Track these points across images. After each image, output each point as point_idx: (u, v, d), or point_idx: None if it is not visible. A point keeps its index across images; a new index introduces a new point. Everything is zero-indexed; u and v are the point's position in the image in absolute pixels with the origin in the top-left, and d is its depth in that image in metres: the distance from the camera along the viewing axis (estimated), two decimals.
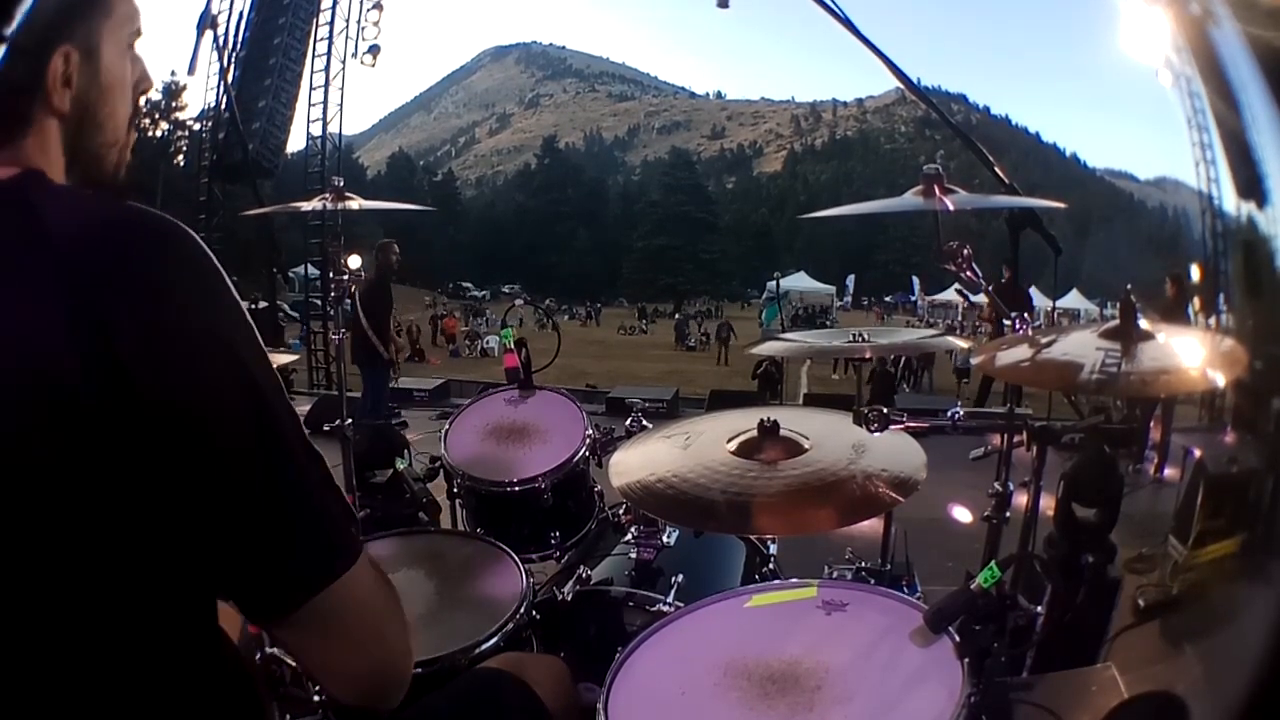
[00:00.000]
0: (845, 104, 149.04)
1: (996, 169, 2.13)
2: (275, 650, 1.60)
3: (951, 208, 1.70)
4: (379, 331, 7.47)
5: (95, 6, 0.93)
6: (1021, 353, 1.59)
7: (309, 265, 15.92)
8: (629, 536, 2.16)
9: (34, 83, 0.89)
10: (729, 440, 1.72)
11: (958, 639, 1.23)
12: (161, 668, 0.85)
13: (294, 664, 1.63)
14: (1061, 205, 1.84)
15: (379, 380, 7.77)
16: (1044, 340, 1.61)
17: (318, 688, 1.68)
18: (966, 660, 1.18)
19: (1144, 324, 1.49)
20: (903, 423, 1.72)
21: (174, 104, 32.75)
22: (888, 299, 53.51)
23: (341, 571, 0.86)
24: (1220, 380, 1.38)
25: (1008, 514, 2.00)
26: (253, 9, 14.64)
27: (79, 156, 0.94)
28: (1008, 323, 1.90)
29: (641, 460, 1.73)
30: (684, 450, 1.74)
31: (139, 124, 1.05)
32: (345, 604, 0.87)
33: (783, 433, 1.68)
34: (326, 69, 15.79)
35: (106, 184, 0.97)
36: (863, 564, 2.27)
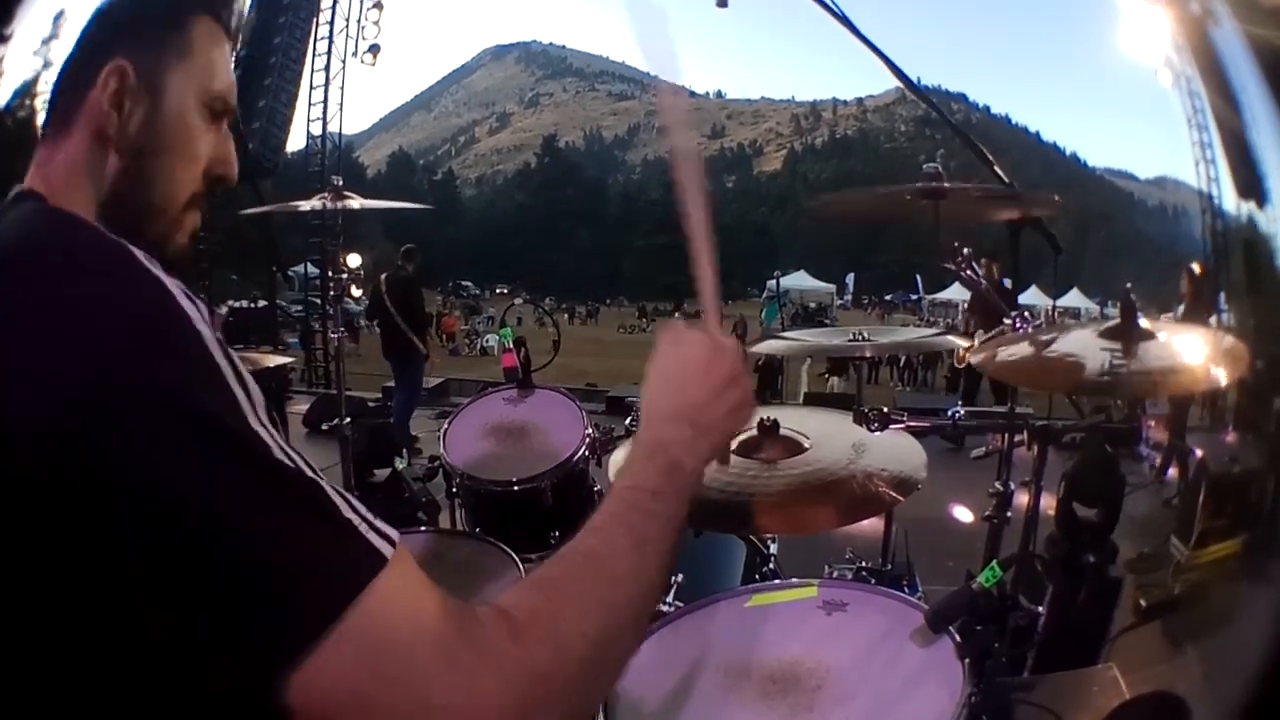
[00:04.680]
0: (845, 103, 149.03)
1: (996, 168, 2.13)
2: None
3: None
4: (417, 327, 7.58)
5: (169, 36, 0.85)
6: (1022, 352, 1.59)
7: (308, 264, 15.91)
8: None
9: (78, 88, 0.82)
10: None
11: (958, 639, 1.22)
12: None
13: None
14: (1057, 201, 1.84)
15: (415, 375, 7.87)
16: (1045, 339, 1.61)
17: None
18: (967, 660, 1.18)
19: (1144, 323, 1.49)
20: (903, 422, 1.72)
21: None
22: (888, 297, 53.47)
23: (308, 642, 0.60)
24: (1224, 378, 1.37)
25: (1009, 514, 2.00)
26: (252, 8, 14.60)
27: (116, 205, 0.83)
28: (1008, 321, 1.90)
29: None
30: None
31: (201, 209, 0.91)
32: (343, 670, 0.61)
33: (782, 432, 1.68)
34: (327, 68, 15.78)
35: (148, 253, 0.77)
36: (863, 564, 2.27)
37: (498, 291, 51.74)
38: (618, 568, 0.75)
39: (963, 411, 1.95)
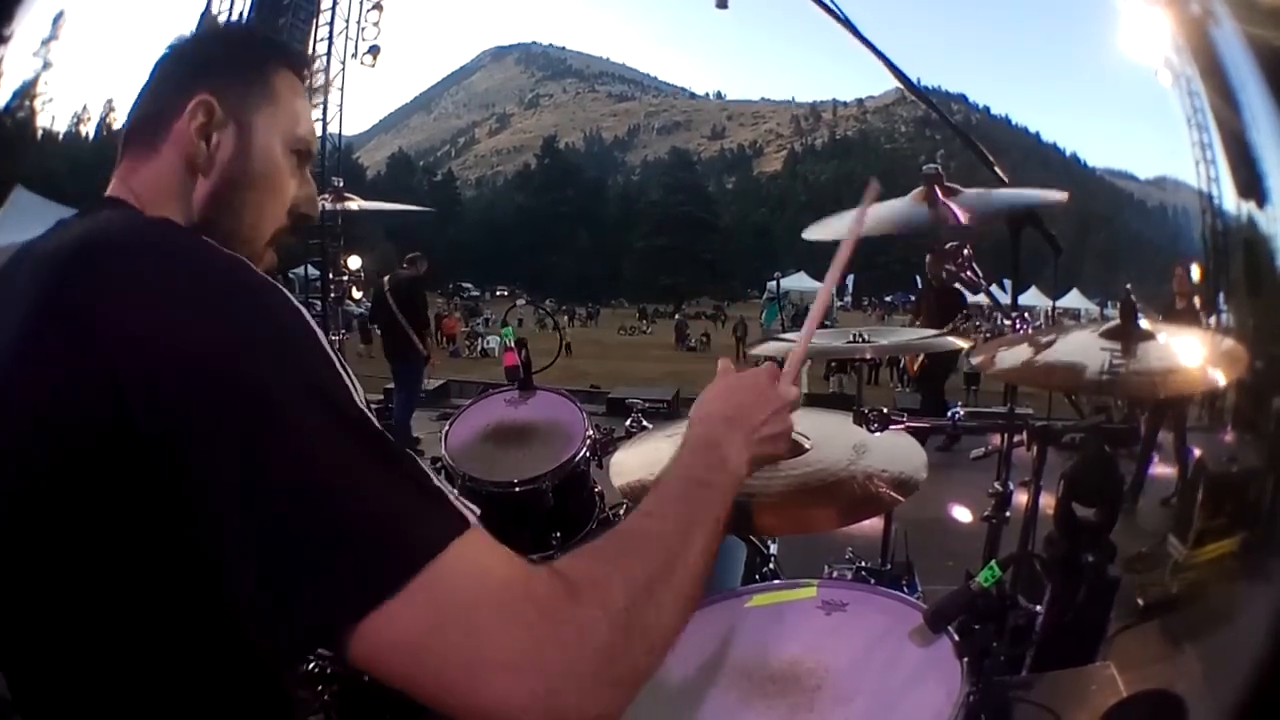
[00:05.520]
0: (845, 104, 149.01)
1: (996, 169, 2.13)
2: None
3: (964, 219, 1.70)
4: (418, 327, 7.58)
5: (253, 81, 0.93)
6: (1023, 353, 1.59)
7: (308, 266, 15.92)
8: None
9: (164, 114, 0.90)
10: None
11: (957, 638, 1.23)
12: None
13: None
14: (1064, 197, 1.85)
15: (414, 376, 7.88)
16: (1044, 340, 1.61)
17: (321, 688, 1.68)
18: (966, 659, 1.18)
19: (1144, 324, 1.49)
20: (903, 423, 1.72)
21: None
22: (888, 299, 53.41)
23: (385, 591, 0.65)
24: (1223, 379, 1.38)
25: (1008, 514, 2.01)
26: (252, 9, 14.65)
27: (204, 228, 0.89)
28: (1008, 323, 1.91)
29: (642, 460, 1.73)
30: None
31: (279, 243, 1.02)
32: (415, 627, 0.66)
33: None
34: (326, 69, 15.79)
35: None
36: (863, 564, 2.28)
37: (498, 293, 51.74)
38: (668, 546, 0.80)
39: (962, 412, 1.96)
